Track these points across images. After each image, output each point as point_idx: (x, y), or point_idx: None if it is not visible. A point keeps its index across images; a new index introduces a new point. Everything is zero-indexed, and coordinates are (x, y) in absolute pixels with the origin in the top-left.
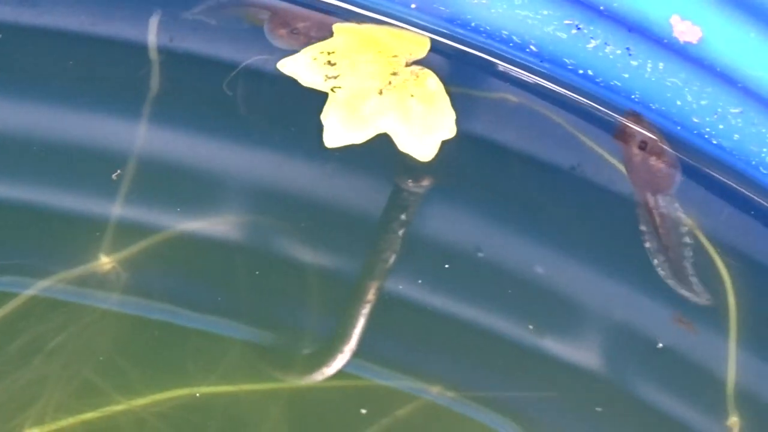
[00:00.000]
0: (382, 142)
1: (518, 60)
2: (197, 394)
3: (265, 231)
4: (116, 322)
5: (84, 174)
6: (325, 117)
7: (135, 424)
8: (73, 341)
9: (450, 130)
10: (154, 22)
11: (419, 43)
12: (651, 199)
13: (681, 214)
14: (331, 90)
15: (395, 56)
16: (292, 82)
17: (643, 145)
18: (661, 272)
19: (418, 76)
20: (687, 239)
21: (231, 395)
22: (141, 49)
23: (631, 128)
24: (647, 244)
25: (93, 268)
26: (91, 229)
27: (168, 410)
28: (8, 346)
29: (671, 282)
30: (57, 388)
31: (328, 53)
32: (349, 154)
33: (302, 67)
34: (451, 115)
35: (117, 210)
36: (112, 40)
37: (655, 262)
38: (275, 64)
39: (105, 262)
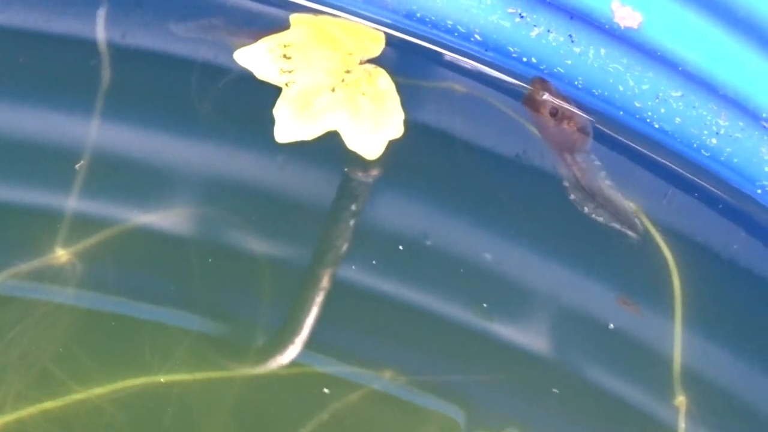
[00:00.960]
0: (332, 136)
1: (463, 49)
2: (161, 380)
3: (218, 223)
4: (73, 313)
5: (40, 168)
6: (276, 111)
7: (93, 412)
8: (31, 332)
9: (398, 130)
10: (101, 16)
11: (374, 40)
12: (569, 158)
13: (597, 163)
14: (285, 85)
15: (350, 54)
16: (247, 76)
17: (554, 111)
18: (599, 219)
19: (370, 75)
20: (608, 182)
21: (186, 383)
22: (91, 44)
23: (541, 96)
24: (572, 196)
25: (49, 261)
26: (47, 223)
27: (125, 398)
28: None
29: (615, 224)
30: (16, 378)
31: (284, 46)
32: (299, 146)
33: (258, 59)
34: (399, 114)
35: (72, 203)
36: (63, 36)
37: (586, 210)
38: (230, 56)
39: (61, 254)
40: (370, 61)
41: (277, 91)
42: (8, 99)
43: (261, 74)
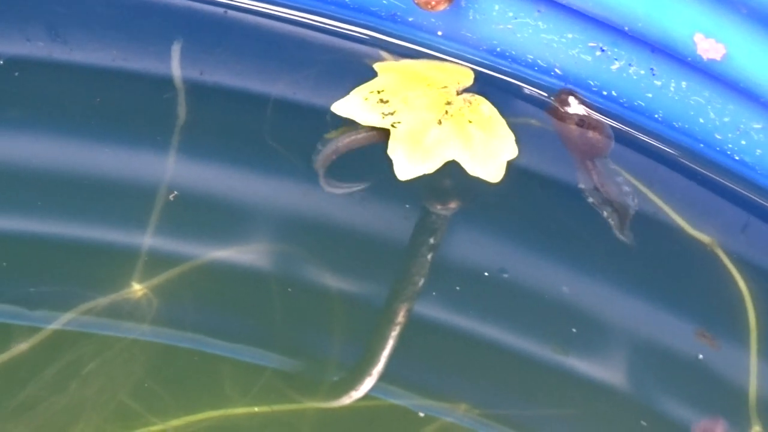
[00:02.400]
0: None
1: (543, 83)
2: (238, 413)
3: (293, 259)
4: (149, 348)
5: (118, 204)
6: (392, 152)
7: None
8: (108, 366)
9: (512, 151)
10: (176, 52)
11: (463, 74)
12: (589, 164)
13: (613, 167)
14: (392, 126)
15: (444, 87)
16: (315, 112)
17: (581, 123)
18: (611, 222)
19: (471, 103)
20: (626, 188)
21: (263, 417)
22: (168, 80)
23: (566, 106)
24: (590, 200)
25: (126, 295)
26: (124, 258)
27: (202, 431)
28: (44, 371)
29: (618, 232)
30: (94, 412)
31: (378, 92)
32: (375, 177)
33: (356, 107)
34: (510, 136)
35: (149, 239)
36: (139, 73)
37: (605, 214)
38: (303, 95)
39: (137, 289)
40: (466, 90)
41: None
42: (87, 137)
43: (364, 120)
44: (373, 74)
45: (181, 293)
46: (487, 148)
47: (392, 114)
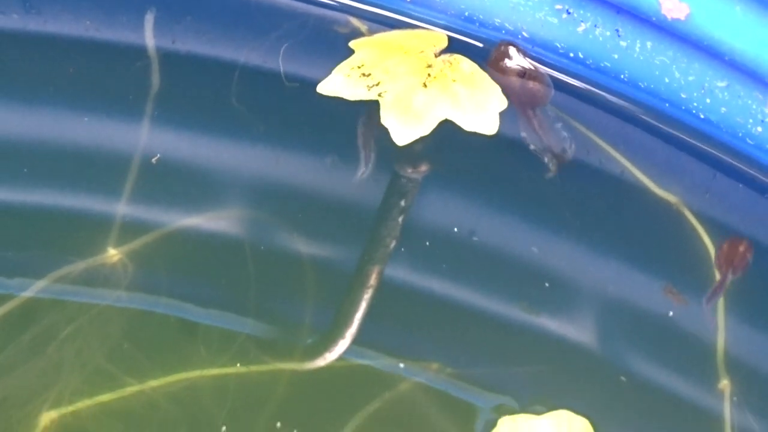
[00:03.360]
0: (381, 132)
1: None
2: (214, 374)
3: (266, 224)
4: (125, 312)
5: (93, 172)
6: (385, 120)
7: (147, 405)
8: (85, 330)
9: (502, 101)
10: (149, 22)
11: (437, 38)
12: (530, 113)
13: (552, 114)
14: (379, 96)
15: (422, 52)
16: (286, 79)
17: (522, 73)
18: (550, 167)
19: (451, 63)
20: (564, 134)
21: (238, 378)
22: (141, 49)
23: (506, 60)
24: (531, 147)
25: (102, 260)
26: (100, 224)
27: (178, 392)
28: (22, 335)
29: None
30: (72, 374)
31: (358, 67)
32: (346, 143)
33: (341, 85)
34: (496, 88)
35: (123, 205)
36: (112, 43)
37: (545, 159)
38: (273, 62)
39: (113, 254)
40: (443, 53)
41: (311, 92)
42: (61, 106)
43: (352, 96)
44: (342, 40)
45: (156, 258)
46: (476, 102)
47: (377, 85)
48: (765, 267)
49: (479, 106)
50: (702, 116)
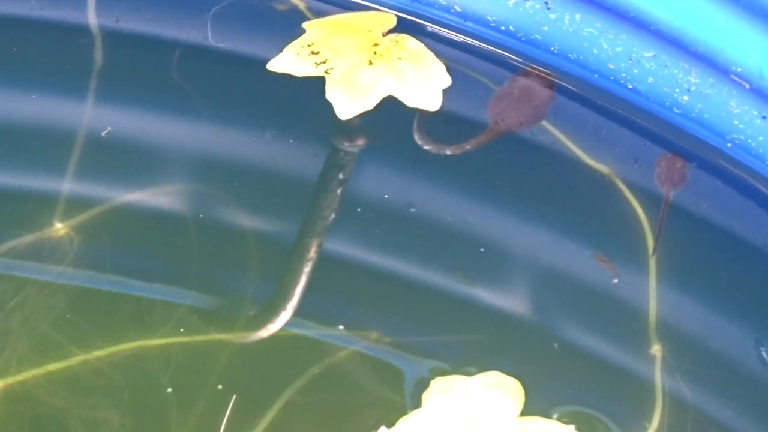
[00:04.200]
0: (321, 107)
1: (444, 21)
2: (157, 343)
3: (208, 199)
4: (71, 284)
5: (39, 148)
6: (329, 95)
7: (93, 373)
8: (31, 300)
9: (445, 79)
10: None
11: (386, 19)
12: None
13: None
14: (326, 72)
15: (369, 31)
16: (227, 56)
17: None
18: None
19: (397, 42)
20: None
21: (180, 347)
22: (84, 27)
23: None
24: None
25: (48, 234)
26: (46, 199)
27: (123, 360)
28: None
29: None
30: (18, 343)
31: (308, 46)
32: (286, 121)
33: (290, 63)
34: (440, 66)
35: (69, 181)
36: (56, 22)
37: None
38: (213, 39)
39: (59, 227)
40: (390, 32)
41: (258, 69)
42: (7, 84)
43: (300, 73)
44: (279, 18)
45: (101, 232)
46: (420, 79)
47: (324, 62)
48: (693, 236)
49: (423, 82)
50: (630, 86)
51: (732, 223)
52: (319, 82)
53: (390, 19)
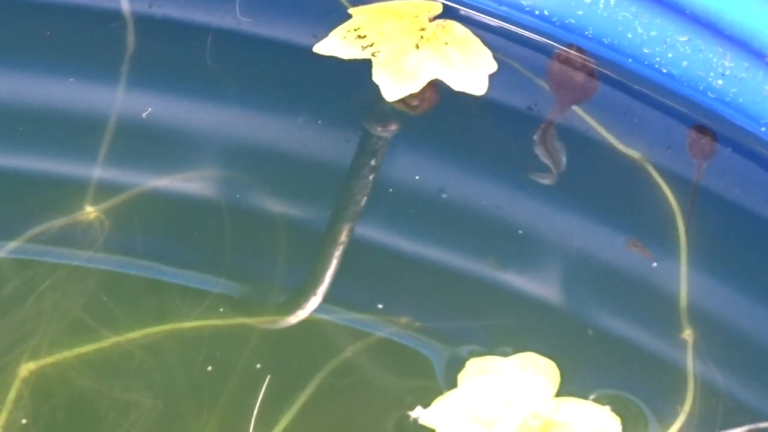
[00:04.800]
0: (350, 92)
1: (477, 5)
2: (188, 326)
3: (240, 184)
4: (101, 267)
5: (70, 132)
6: (376, 78)
7: (124, 355)
8: (62, 284)
9: (491, 64)
10: None
11: (432, 6)
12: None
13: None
14: (372, 55)
15: (416, 16)
16: (259, 41)
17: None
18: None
19: (444, 27)
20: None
21: (211, 330)
22: (116, 13)
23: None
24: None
25: (80, 217)
26: (77, 183)
27: (154, 343)
28: (1, 289)
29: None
30: (50, 326)
31: (354, 30)
32: (318, 104)
33: (336, 46)
34: (487, 52)
35: (100, 165)
36: (89, 6)
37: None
38: (246, 24)
39: (90, 211)
40: (437, 18)
41: (300, 54)
42: (38, 70)
43: (347, 55)
44: (316, 5)
45: (132, 216)
46: (467, 63)
47: (371, 45)
48: (725, 220)
49: (470, 67)
50: (664, 71)
51: (765, 207)
52: (353, 69)
53: (436, 6)
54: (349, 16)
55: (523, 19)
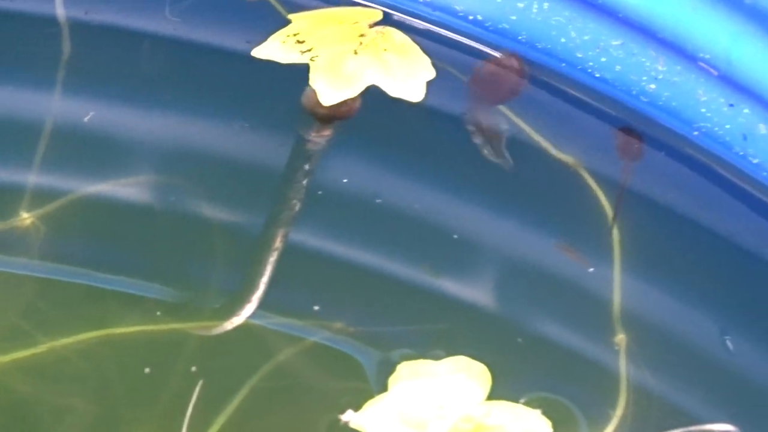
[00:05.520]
0: (284, 97)
1: (412, 10)
2: (123, 331)
3: (175, 190)
4: (38, 273)
5: (6, 138)
6: (313, 82)
7: (60, 361)
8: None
9: (430, 71)
10: None
11: (372, 13)
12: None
13: None
14: (311, 60)
15: (356, 22)
16: (195, 47)
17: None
18: (485, 151)
19: (383, 34)
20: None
21: (147, 337)
22: (52, 19)
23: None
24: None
25: (15, 223)
26: (13, 189)
27: (89, 348)
28: None
29: (486, 151)
30: None
31: (294, 35)
32: (252, 110)
33: (276, 50)
34: (425, 59)
35: (36, 171)
36: (24, 13)
37: (485, 152)
38: (182, 30)
39: (26, 217)
40: (376, 24)
41: (230, 59)
42: None
43: (284, 59)
44: (250, 9)
45: (68, 222)
46: (405, 70)
47: (310, 50)
48: (659, 225)
49: (408, 73)
50: (597, 75)
51: (698, 211)
52: (288, 74)
53: (376, 14)
54: (286, 23)
55: (456, 24)
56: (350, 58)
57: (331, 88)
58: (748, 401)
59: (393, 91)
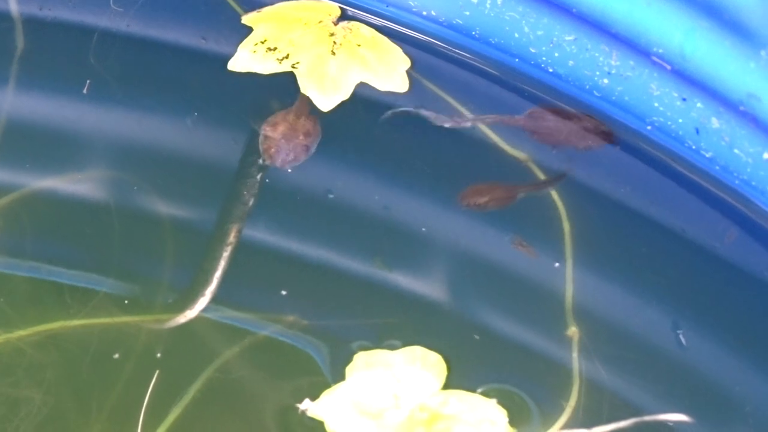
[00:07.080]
0: (244, 92)
1: (365, 6)
2: (78, 324)
3: (128, 185)
4: None
5: None
6: (305, 90)
7: (15, 353)
8: None
9: (405, 60)
10: None
11: (329, 8)
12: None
13: None
14: (292, 67)
15: (320, 22)
16: (147, 43)
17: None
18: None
19: (351, 30)
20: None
21: (100, 330)
22: (5, 14)
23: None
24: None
25: None
26: None
27: (44, 340)
28: None
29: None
30: None
31: (262, 43)
32: (208, 105)
33: (250, 61)
34: (397, 49)
35: None
36: None
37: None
38: (135, 26)
39: None
40: (339, 20)
41: (175, 53)
42: None
43: (265, 70)
44: (204, 8)
45: (20, 217)
46: (384, 63)
47: (287, 57)
48: (612, 219)
49: (387, 66)
50: (551, 70)
51: (651, 206)
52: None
53: (334, 8)
54: (239, 17)
55: (410, 19)
56: (330, 59)
57: (323, 95)
58: (700, 394)
59: (381, 85)
